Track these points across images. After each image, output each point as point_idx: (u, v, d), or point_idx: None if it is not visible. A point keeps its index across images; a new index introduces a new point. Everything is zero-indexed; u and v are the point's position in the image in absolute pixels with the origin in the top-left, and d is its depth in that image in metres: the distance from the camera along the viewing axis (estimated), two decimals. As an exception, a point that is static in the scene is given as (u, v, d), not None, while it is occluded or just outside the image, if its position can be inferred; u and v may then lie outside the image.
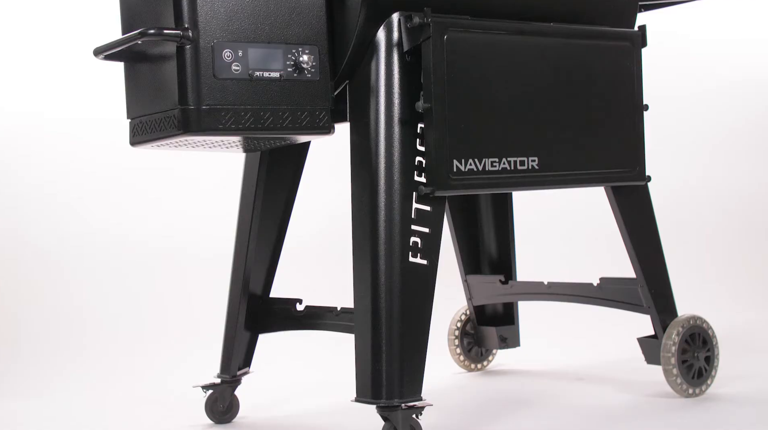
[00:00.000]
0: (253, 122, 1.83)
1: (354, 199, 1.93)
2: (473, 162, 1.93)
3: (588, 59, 2.11)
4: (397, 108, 1.90)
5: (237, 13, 1.82)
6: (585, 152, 2.10)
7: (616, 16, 2.23)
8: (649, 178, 2.24)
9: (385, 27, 1.91)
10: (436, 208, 1.92)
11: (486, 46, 1.96)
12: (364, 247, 1.89)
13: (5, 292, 3.37)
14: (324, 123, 1.91)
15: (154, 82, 1.86)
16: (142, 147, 1.95)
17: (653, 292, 2.27)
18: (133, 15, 1.92)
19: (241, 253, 2.25)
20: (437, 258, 1.92)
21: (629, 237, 2.26)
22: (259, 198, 2.21)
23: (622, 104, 2.17)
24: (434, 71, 1.88)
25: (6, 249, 3.45)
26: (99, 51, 1.91)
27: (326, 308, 2.14)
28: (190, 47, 1.77)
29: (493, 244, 2.69)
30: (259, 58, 1.83)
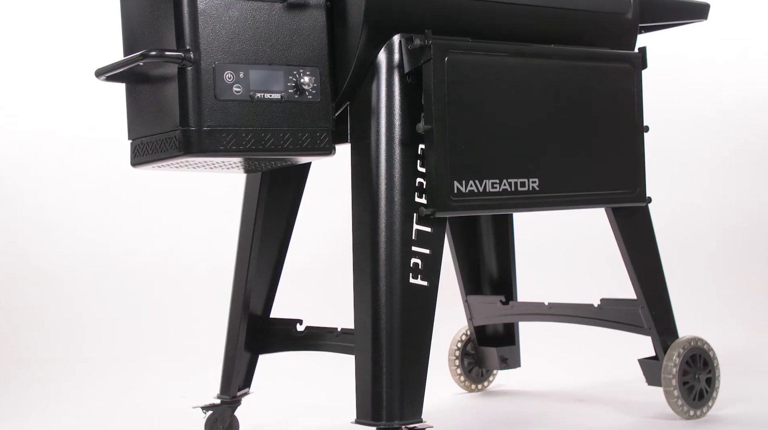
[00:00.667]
0: (254, 143, 1.83)
1: (354, 220, 1.93)
2: (474, 183, 1.93)
3: (588, 81, 2.12)
4: (397, 129, 1.90)
5: (238, 34, 1.82)
6: (585, 174, 2.11)
7: (616, 37, 2.23)
8: (650, 200, 2.24)
9: (386, 49, 1.92)
10: (437, 230, 1.92)
11: (487, 67, 1.97)
12: (365, 268, 1.89)
13: (6, 309, 3.37)
14: (325, 144, 1.91)
15: (156, 103, 1.86)
16: (143, 168, 1.95)
17: (654, 313, 2.27)
18: (135, 36, 1.93)
19: (242, 273, 2.25)
20: (438, 279, 1.92)
21: (630, 258, 2.26)
22: (259, 218, 2.22)
23: (622, 126, 2.17)
24: (435, 93, 1.89)
25: (7, 267, 3.45)
26: (101, 72, 1.91)
27: (326, 329, 2.14)
28: (192, 69, 1.78)
29: (494, 264, 2.69)
30: (261, 80, 1.84)
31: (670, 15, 2.46)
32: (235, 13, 1.82)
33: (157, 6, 1.84)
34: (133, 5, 1.92)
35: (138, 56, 1.77)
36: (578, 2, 2.16)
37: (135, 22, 1.92)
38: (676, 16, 2.47)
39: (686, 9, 2.49)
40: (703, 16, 2.52)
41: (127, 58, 1.83)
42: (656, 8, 2.40)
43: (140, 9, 1.90)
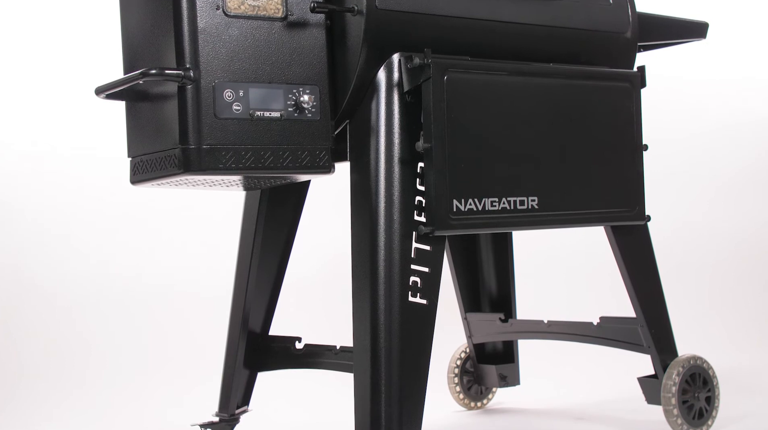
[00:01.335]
0: (254, 161, 1.83)
1: (354, 238, 1.93)
2: (473, 202, 1.94)
3: (587, 99, 2.12)
4: (397, 148, 1.90)
5: (238, 53, 1.83)
6: (585, 192, 2.11)
7: (615, 56, 2.24)
8: (649, 218, 2.24)
9: (386, 67, 1.92)
10: (436, 248, 1.92)
11: (486, 86, 1.98)
12: (364, 286, 1.89)
13: (7, 328, 3.36)
14: (324, 162, 1.91)
15: (155, 121, 1.87)
16: (143, 185, 1.95)
17: (653, 331, 2.26)
18: (135, 54, 1.93)
19: (241, 291, 2.24)
20: (437, 298, 1.92)
21: (629, 277, 2.26)
22: (259, 236, 2.22)
23: (621, 144, 2.17)
24: (434, 111, 1.89)
25: (6, 285, 3.45)
26: (100, 90, 1.92)
27: (325, 347, 2.14)
28: (192, 87, 1.78)
29: (493, 282, 2.68)
30: (260, 98, 1.84)
31: (668, 34, 2.47)
32: (235, 31, 1.83)
33: (158, 24, 1.84)
34: (134, 23, 1.93)
35: (138, 74, 1.78)
36: (577, 21, 2.17)
37: (135, 40, 1.93)
38: (674, 35, 2.48)
39: (685, 28, 2.50)
40: (702, 35, 2.53)
41: (127, 77, 1.83)
42: (655, 27, 2.41)
43: (140, 27, 1.90)
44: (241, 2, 1.84)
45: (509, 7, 2.07)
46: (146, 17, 1.88)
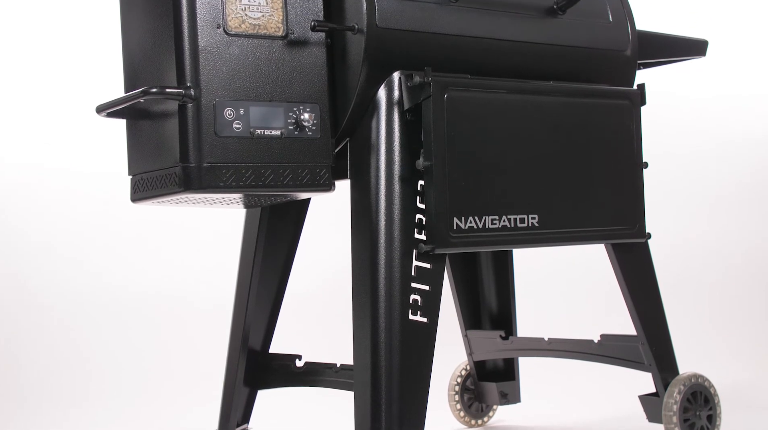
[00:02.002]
0: (254, 180, 1.83)
1: (354, 256, 1.93)
2: (473, 220, 1.94)
3: (587, 117, 2.12)
4: (397, 166, 1.91)
5: (239, 71, 1.83)
6: (585, 210, 2.11)
7: (615, 74, 2.25)
8: (649, 236, 2.24)
9: (386, 86, 1.93)
10: (436, 266, 1.92)
11: (486, 104, 1.98)
12: (364, 304, 1.88)
13: (7, 344, 3.36)
14: (324, 180, 1.91)
15: (156, 139, 1.87)
16: (144, 203, 1.95)
17: (654, 349, 2.26)
18: (136, 72, 1.94)
19: (241, 308, 2.24)
20: (437, 316, 1.92)
21: (630, 294, 2.25)
22: (259, 254, 2.22)
23: (621, 162, 2.18)
24: (434, 129, 1.89)
25: (8, 301, 3.44)
26: (101, 109, 1.92)
27: (326, 365, 2.13)
28: (192, 105, 1.79)
29: (494, 299, 2.68)
30: (261, 117, 1.84)
31: (668, 51, 2.47)
32: (236, 50, 1.83)
33: (158, 43, 1.85)
34: (135, 42, 1.94)
35: (139, 93, 1.78)
36: (577, 39, 2.17)
37: (136, 59, 1.93)
38: (674, 53, 2.49)
39: (685, 46, 2.51)
40: (702, 53, 2.53)
41: (128, 95, 1.84)
42: (655, 45, 2.42)
43: (141, 46, 1.91)
44: (242, 21, 1.84)
45: (509, 25, 2.08)
46: (147, 36, 1.88)
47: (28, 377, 3.25)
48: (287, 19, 1.88)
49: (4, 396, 3.15)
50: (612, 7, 2.25)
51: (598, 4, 2.24)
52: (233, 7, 1.83)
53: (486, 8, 2.06)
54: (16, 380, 3.24)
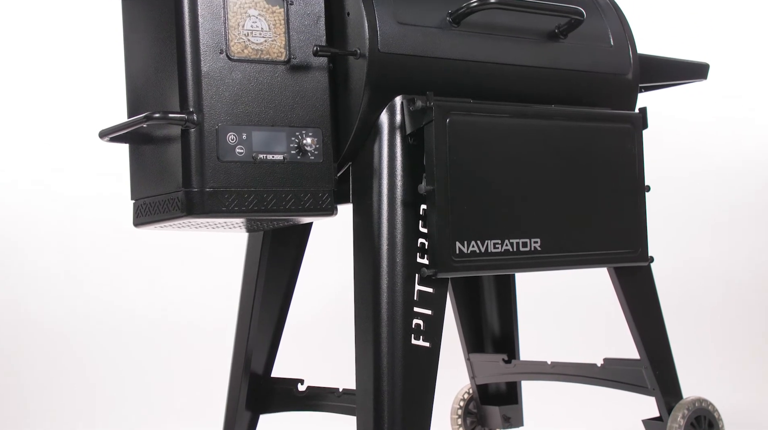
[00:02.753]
0: (257, 204, 1.83)
1: (356, 281, 1.93)
2: (476, 244, 1.93)
3: (589, 141, 2.13)
4: (399, 190, 1.91)
5: (241, 96, 1.84)
6: (587, 233, 2.11)
7: (617, 98, 2.25)
8: (652, 259, 2.23)
9: (388, 110, 1.93)
10: (439, 290, 1.92)
11: (488, 128, 1.98)
12: (367, 329, 1.88)
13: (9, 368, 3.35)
14: (327, 205, 1.91)
15: (159, 163, 1.87)
16: (146, 228, 1.95)
17: (658, 373, 2.25)
18: (139, 97, 1.94)
19: (243, 332, 2.24)
20: (440, 340, 1.91)
21: (633, 318, 2.25)
22: (261, 277, 2.21)
23: (623, 185, 2.18)
24: (437, 154, 1.89)
25: (9, 326, 3.44)
26: (104, 133, 1.92)
27: (328, 389, 2.13)
28: (195, 130, 1.79)
29: (496, 322, 2.68)
30: (263, 141, 1.85)
31: (670, 75, 2.48)
32: (239, 75, 1.84)
33: (161, 68, 1.85)
34: (138, 67, 1.94)
35: (142, 118, 1.78)
36: (579, 63, 2.18)
37: (139, 84, 1.94)
38: (676, 76, 2.49)
39: (686, 69, 2.51)
40: (703, 76, 2.54)
41: (130, 120, 1.84)
42: (656, 69, 2.42)
43: (144, 71, 1.91)
44: (245, 46, 1.85)
45: (511, 49, 2.09)
46: (150, 61, 1.89)
47: (30, 399, 3.24)
48: (290, 44, 1.89)
49: (7, 420, 3.14)
50: (613, 31, 2.26)
51: (599, 28, 2.24)
52: (236, 33, 1.84)
53: (488, 32, 2.06)
54: (19, 402, 3.23)
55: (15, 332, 3.43)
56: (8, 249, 3.54)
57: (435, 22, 1.99)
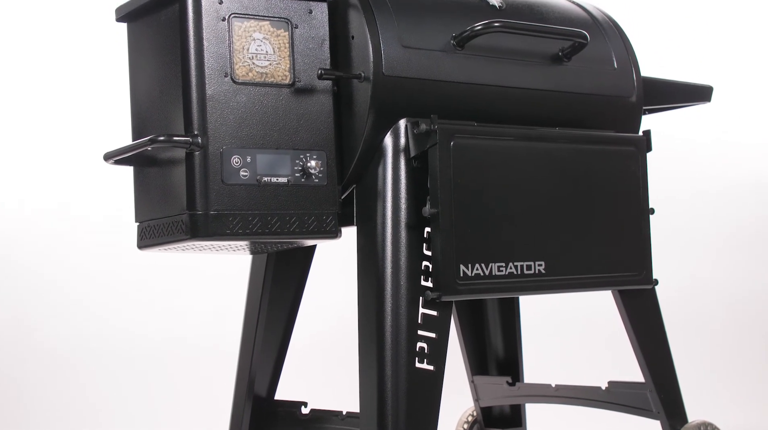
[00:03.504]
0: (261, 227, 1.84)
1: (360, 304, 1.92)
2: (480, 267, 1.93)
3: (593, 164, 2.13)
4: (403, 213, 1.91)
5: (246, 119, 1.84)
6: (591, 256, 2.10)
7: (620, 120, 2.25)
8: (656, 282, 2.23)
9: (392, 133, 1.93)
10: (443, 313, 1.92)
11: (492, 151, 1.98)
12: (371, 352, 1.88)
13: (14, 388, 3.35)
14: (331, 227, 1.91)
15: (163, 186, 1.87)
16: (150, 250, 1.95)
17: (662, 397, 2.24)
18: (144, 120, 1.95)
19: (246, 354, 2.23)
20: (444, 363, 1.91)
21: (637, 341, 2.24)
22: (265, 299, 2.21)
23: (628, 208, 2.17)
24: (441, 177, 1.90)
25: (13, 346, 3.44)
26: (109, 156, 1.93)
27: (331, 412, 2.12)
28: (200, 153, 1.79)
29: (500, 345, 2.67)
30: (267, 164, 1.85)
31: (673, 98, 2.48)
32: (243, 98, 1.84)
33: (166, 91, 1.86)
34: (143, 90, 1.95)
35: (146, 141, 1.79)
36: (582, 86, 2.18)
37: (144, 107, 1.95)
38: (679, 99, 2.50)
39: (690, 92, 2.51)
40: (707, 99, 2.54)
41: (135, 143, 1.85)
42: (660, 91, 2.43)
43: (149, 94, 1.92)
44: (249, 69, 1.86)
45: (515, 72, 2.09)
46: (155, 84, 1.90)
47: (35, 420, 3.24)
48: (294, 67, 1.89)
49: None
50: (617, 54, 2.27)
51: (603, 51, 2.25)
52: (241, 56, 1.85)
53: (492, 56, 2.07)
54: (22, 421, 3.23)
55: (18, 351, 3.43)
56: (12, 269, 3.54)
57: (439, 46, 2.00)
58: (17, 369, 3.40)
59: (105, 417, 3.28)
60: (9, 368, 3.40)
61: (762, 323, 3.96)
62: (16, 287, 3.53)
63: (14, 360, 3.41)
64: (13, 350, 3.44)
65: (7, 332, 3.47)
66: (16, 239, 3.57)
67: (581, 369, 3.49)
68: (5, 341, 3.46)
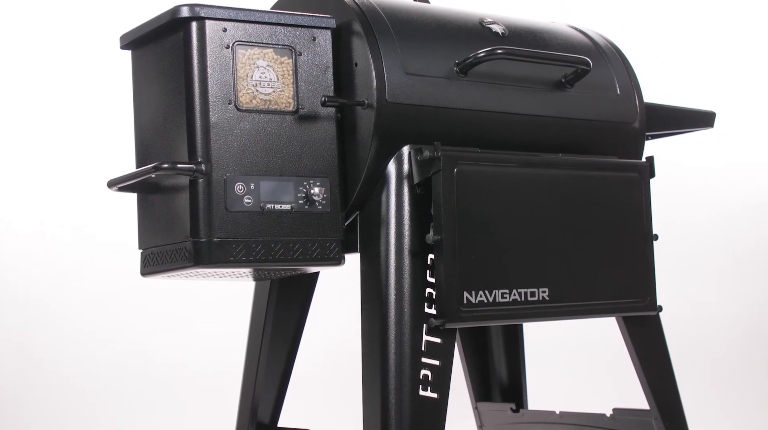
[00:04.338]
0: (264, 254, 1.83)
1: (364, 331, 1.92)
2: (483, 294, 1.93)
3: (597, 190, 2.13)
4: (407, 239, 1.90)
5: (249, 146, 1.84)
6: (595, 283, 2.10)
7: (623, 146, 2.25)
8: (660, 309, 2.22)
9: (396, 160, 1.93)
10: (447, 341, 1.91)
11: (495, 178, 1.98)
12: (374, 379, 1.87)
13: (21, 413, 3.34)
14: (334, 254, 1.91)
15: (167, 213, 1.87)
16: (153, 277, 1.95)
17: (668, 424, 2.23)
18: (148, 147, 1.95)
19: (250, 381, 2.23)
20: (448, 391, 1.90)
21: (642, 368, 2.23)
22: (268, 326, 2.21)
23: (631, 235, 2.17)
24: (444, 204, 1.89)
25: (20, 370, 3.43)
26: (113, 183, 1.93)
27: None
28: (203, 180, 1.79)
29: (504, 371, 2.66)
30: (271, 191, 1.85)
31: (676, 123, 2.48)
32: (247, 125, 1.84)
33: (170, 119, 1.86)
34: (147, 117, 1.95)
35: (150, 168, 1.79)
36: (585, 112, 2.19)
37: (148, 133, 1.95)
38: (682, 125, 2.50)
39: (692, 118, 2.51)
40: (710, 125, 2.54)
41: (139, 170, 1.85)
42: (663, 117, 2.43)
43: (153, 121, 1.92)
44: (253, 96, 1.86)
45: (518, 99, 2.10)
46: (159, 111, 1.90)
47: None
48: (298, 94, 1.90)
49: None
50: (619, 80, 2.27)
51: (605, 77, 2.25)
52: (244, 83, 1.85)
53: (495, 82, 2.07)
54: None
55: (25, 377, 3.42)
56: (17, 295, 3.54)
57: (442, 73, 2.00)
58: (24, 394, 3.39)
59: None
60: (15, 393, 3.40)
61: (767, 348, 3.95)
62: (21, 314, 3.52)
63: (21, 386, 3.40)
64: (20, 375, 3.43)
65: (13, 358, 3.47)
66: (20, 265, 3.57)
67: (585, 396, 3.47)
68: (12, 367, 3.45)
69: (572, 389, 3.65)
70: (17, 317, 3.52)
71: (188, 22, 1.82)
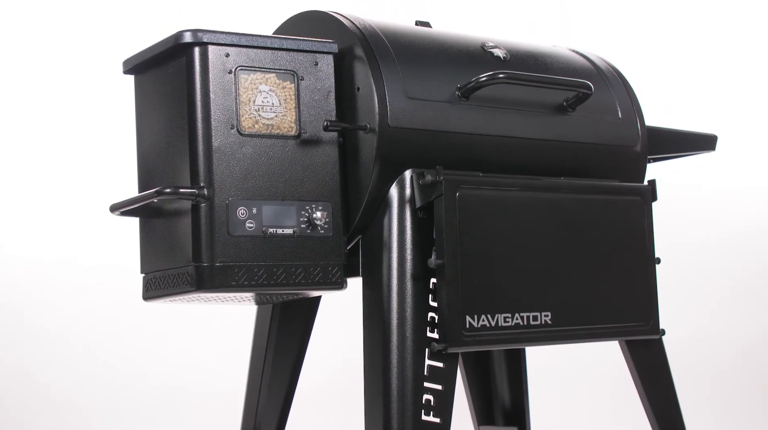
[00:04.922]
0: (266, 278, 1.83)
1: (366, 355, 1.92)
2: (486, 318, 1.92)
3: (599, 214, 2.13)
4: (409, 263, 1.90)
5: (252, 171, 1.84)
6: (598, 307, 2.10)
7: (625, 170, 2.25)
8: (663, 332, 2.22)
9: (398, 184, 1.93)
10: (449, 365, 1.91)
11: (497, 201, 1.98)
12: (376, 404, 1.86)
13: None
14: (336, 278, 1.91)
15: (169, 237, 1.88)
16: (155, 302, 1.95)
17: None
18: (150, 171, 1.95)
19: (252, 404, 2.22)
20: (450, 416, 1.89)
21: (645, 391, 2.22)
22: (270, 349, 2.20)
23: (633, 258, 2.17)
24: (446, 228, 1.89)
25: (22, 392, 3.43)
26: (115, 208, 1.93)
27: (337, 464, 2.11)
28: (205, 205, 1.80)
29: (507, 394, 2.65)
30: (273, 216, 1.85)
31: (678, 147, 2.49)
32: (249, 149, 1.85)
33: (173, 143, 1.87)
34: (149, 142, 1.96)
35: (153, 193, 1.79)
36: (587, 136, 2.19)
37: (150, 158, 1.95)
38: (684, 148, 2.50)
39: (694, 141, 2.52)
40: (711, 148, 2.55)
41: (141, 195, 1.85)
42: (664, 140, 2.43)
43: (156, 145, 1.93)
44: (255, 121, 1.87)
45: (520, 123, 2.10)
46: (161, 136, 1.91)
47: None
48: (300, 119, 1.90)
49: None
50: (621, 104, 2.28)
51: (607, 101, 2.26)
52: (247, 108, 1.86)
53: (497, 106, 2.08)
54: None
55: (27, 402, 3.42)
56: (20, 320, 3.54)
57: (444, 97, 2.01)
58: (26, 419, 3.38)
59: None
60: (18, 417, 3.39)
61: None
62: (24, 338, 3.52)
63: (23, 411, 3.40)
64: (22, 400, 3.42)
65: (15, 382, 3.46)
66: (23, 289, 3.57)
67: (588, 419, 3.46)
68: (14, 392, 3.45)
69: (575, 412, 3.63)
70: (17, 339, 3.52)
71: (191, 47, 1.83)
